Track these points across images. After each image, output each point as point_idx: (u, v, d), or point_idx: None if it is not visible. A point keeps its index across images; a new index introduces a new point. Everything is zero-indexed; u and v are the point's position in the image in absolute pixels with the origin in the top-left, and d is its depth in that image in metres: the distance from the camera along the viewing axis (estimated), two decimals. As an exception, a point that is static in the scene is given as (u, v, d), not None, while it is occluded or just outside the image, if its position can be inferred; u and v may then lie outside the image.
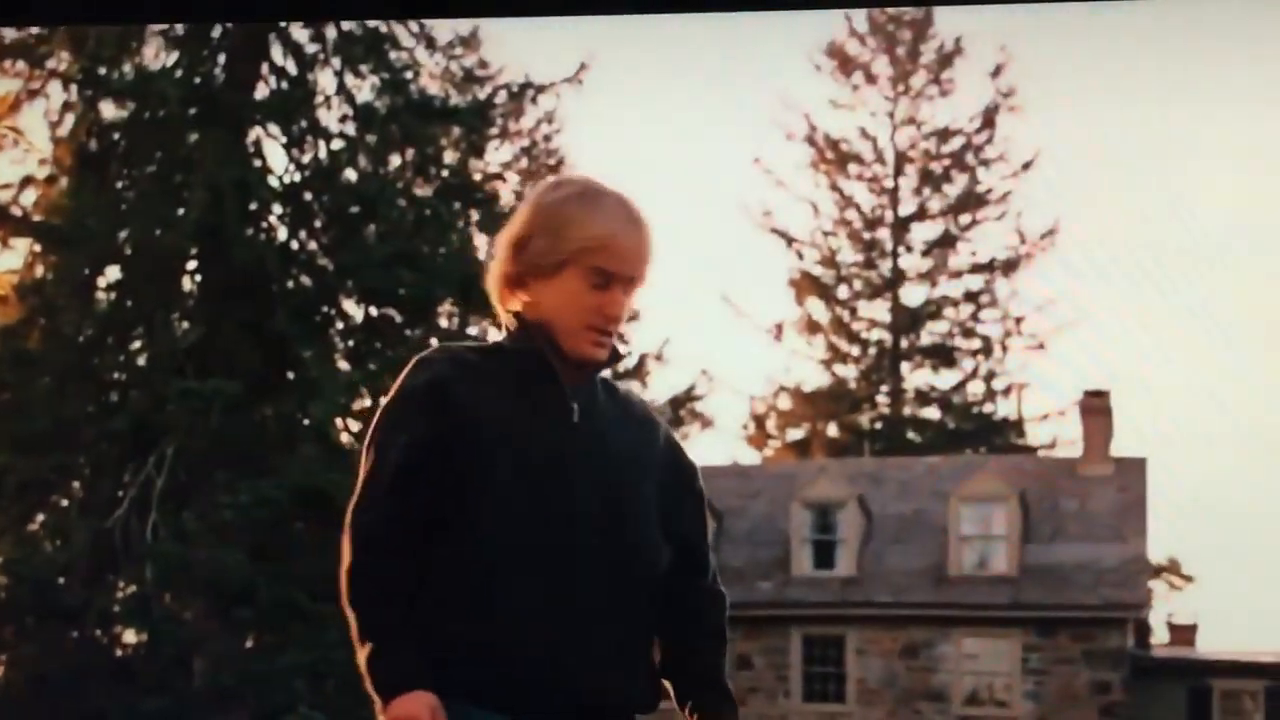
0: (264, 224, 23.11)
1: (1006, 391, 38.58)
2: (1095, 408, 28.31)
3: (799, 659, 26.16)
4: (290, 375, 23.16)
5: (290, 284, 23.22)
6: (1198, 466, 43.64)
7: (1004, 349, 38.59)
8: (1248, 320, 41.82)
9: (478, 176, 26.36)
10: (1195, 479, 44.16)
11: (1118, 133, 41.86)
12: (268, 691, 20.53)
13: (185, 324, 23.11)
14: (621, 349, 2.99)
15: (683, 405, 37.25)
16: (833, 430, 38.54)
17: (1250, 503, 44.26)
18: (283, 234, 23.31)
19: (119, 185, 23.17)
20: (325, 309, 23.67)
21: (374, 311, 23.72)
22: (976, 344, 38.70)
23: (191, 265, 23.32)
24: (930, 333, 38.94)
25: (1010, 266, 38.43)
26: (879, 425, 38.69)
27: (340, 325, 23.87)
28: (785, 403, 39.25)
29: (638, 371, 36.44)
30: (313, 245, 23.53)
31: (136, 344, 23.33)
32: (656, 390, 36.53)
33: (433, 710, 2.65)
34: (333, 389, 22.30)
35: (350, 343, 23.54)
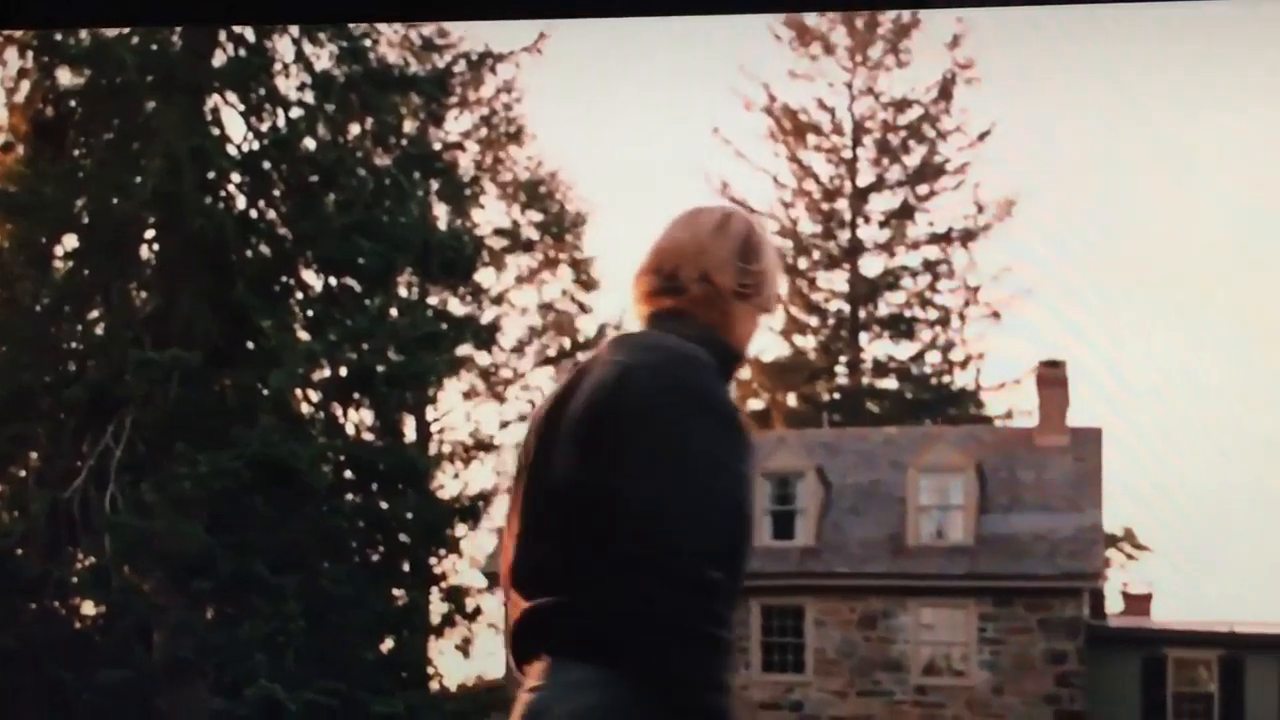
0: (222, 193, 22.97)
1: (964, 362, 38.77)
2: (1051, 378, 28.44)
3: (758, 629, 26.28)
4: (250, 345, 23.07)
5: (249, 253, 23.11)
6: (1154, 436, 43.97)
7: (962, 319, 38.75)
8: (1203, 290, 42.15)
9: (437, 145, 26.28)
10: (1151, 449, 44.51)
11: (1075, 103, 42.03)
12: (227, 663, 20.51)
13: (143, 293, 22.98)
14: None
15: (643, 376, 37.13)
16: (792, 401, 38.65)
17: (1206, 472, 44.70)
18: (241, 203, 23.18)
19: (76, 153, 22.98)
20: (284, 278, 23.57)
21: (333, 281, 23.63)
22: (934, 314, 38.84)
23: (149, 234, 23.17)
24: (888, 303, 39.06)
25: (968, 237, 38.57)
26: (837, 396, 38.81)
27: (300, 295, 23.78)
28: (744, 373, 39.31)
29: (597, 342, 36.41)
30: (271, 214, 23.41)
31: (94, 313, 23.19)
32: (616, 360, 36.42)
33: None
34: (292, 359, 22.22)
35: (310, 312, 23.44)
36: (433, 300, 26.92)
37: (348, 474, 22.87)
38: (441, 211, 26.78)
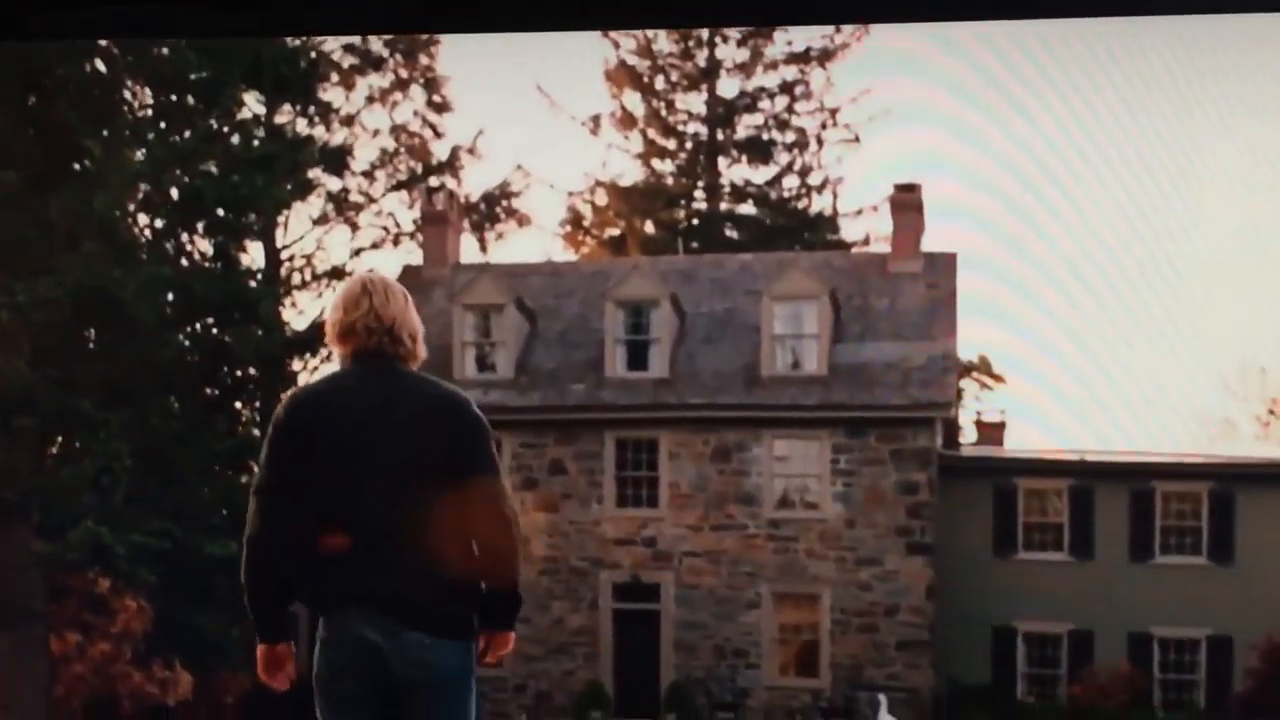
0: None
1: (822, 186, 38.34)
2: (905, 202, 28.00)
3: (612, 464, 25.78)
4: (75, 166, 21.77)
5: (70, 67, 21.70)
6: (1010, 262, 43.96)
7: (819, 143, 38.24)
8: (1062, 111, 41.88)
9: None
10: (1008, 275, 44.61)
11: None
12: (54, 504, 19.59)
13: (-46, 110, 21.52)
14: None
15: (498, 202, 36.30)
16: (649, 228, 37.99)
17: (1061, 301, 44.82)
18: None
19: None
20: (110, 94, 22.24)
21: (163, 98, 22.37)
22: (792, 138, 38.26)
23: (-41, 46, 21.66)
24: (746, 126, 38.37)
25: (826, 56, 37.89)
26: (695, 222, 38.22)
27: (128, 113, 22.48)
28: (602, 199, 38.57)
29: (450, 165, 35.34)
30: (94, 26, 21.95)
31: (-100, 132, 21.69)
32: (470, 185, 35.61)
33: None
34: (120, 179, 21.01)
35: (138, 131, 22.17)
36: (282, 119, 25.72)
37: (181, 304, 21.83)
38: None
